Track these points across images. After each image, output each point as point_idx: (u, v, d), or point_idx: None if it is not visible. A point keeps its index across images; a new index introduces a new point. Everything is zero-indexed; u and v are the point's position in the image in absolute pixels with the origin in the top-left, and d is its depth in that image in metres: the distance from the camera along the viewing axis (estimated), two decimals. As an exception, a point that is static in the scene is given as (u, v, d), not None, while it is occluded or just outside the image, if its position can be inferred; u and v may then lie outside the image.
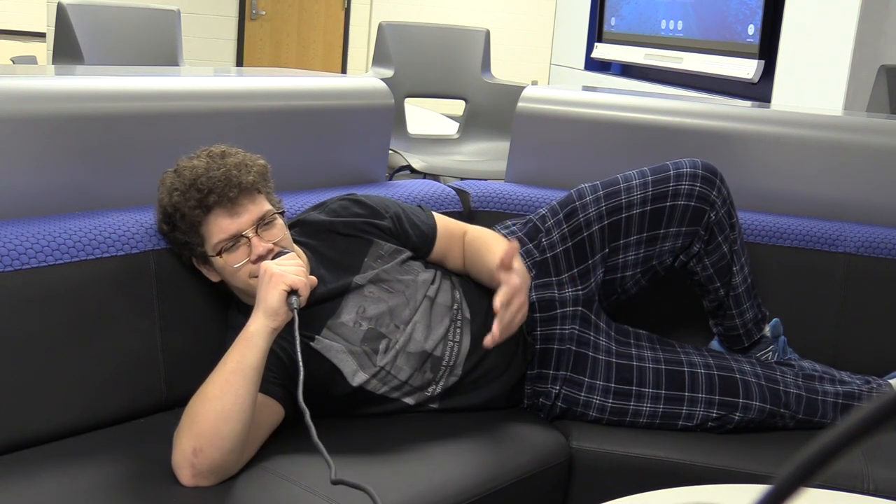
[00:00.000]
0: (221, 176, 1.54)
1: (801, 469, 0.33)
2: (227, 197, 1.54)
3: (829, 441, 0.33)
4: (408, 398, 1.67)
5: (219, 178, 1.54)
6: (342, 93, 2.23)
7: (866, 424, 0.32)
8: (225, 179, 1.54)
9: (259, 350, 1.43)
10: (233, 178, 1.55)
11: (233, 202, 1.55)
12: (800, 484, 0.33)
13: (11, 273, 1.47)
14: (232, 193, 1.54)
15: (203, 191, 1.54)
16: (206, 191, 1.54)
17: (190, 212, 1.55)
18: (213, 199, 1.54)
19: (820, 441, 0.33)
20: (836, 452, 0.32)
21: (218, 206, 1.55)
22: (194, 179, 1.55)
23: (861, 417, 0.32)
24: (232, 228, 1.55)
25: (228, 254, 1.56)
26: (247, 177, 1.56)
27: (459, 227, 1.83)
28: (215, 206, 1.55)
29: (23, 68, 2.91)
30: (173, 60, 3.90)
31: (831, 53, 3.67)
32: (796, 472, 0.33)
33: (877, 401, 0.32)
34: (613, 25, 5.75)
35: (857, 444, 0.32)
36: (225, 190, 1.54)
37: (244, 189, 1.56)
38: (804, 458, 0.33)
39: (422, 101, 4.42)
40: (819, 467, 0.33)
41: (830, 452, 0.32)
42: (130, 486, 1.37)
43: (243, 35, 7.45)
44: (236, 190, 1.55)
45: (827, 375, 1.89)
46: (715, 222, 1.84)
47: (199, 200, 1.54)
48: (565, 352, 1.78)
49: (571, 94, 2.39)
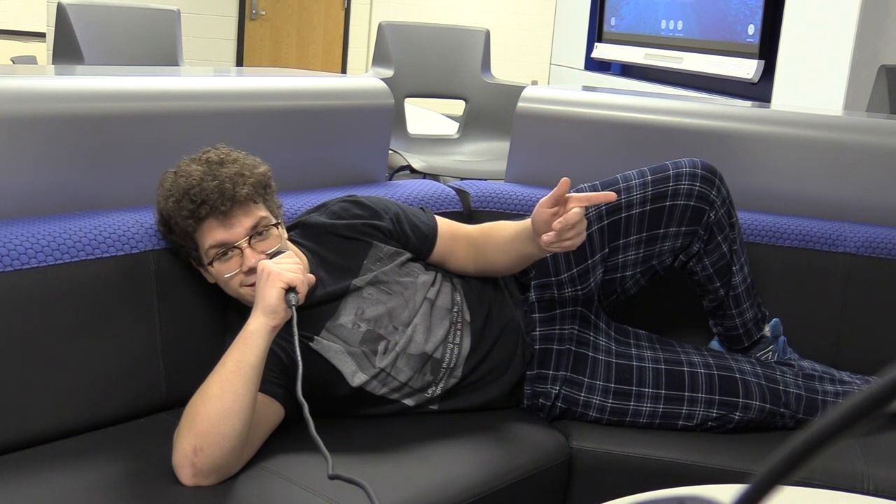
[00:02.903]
0: (214, 188, 1.52)
1: (778, 467, 0.33)
2: (219, 210, 1.53)
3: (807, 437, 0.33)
4: (407, 399, 1.68)
5: (211, 191, 1.52)
6: (342, 93, 2.23)
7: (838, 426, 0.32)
8: (218, 192, 1.53)
9: (259, 349, 1.43)
10: (226, 192, 1.53)
11: (225, 215, 1.54)
12: (777, 482, 0.33)
13: (11, 273, 1.47)
14: (224, 207, 1.53)
15: (196, 202, 1.53)
16: (198, 202, 1.53)
17: (182, 221, 1.55)
18: (204, 211, 1.53)
19: (799, 437, 0.33)
20: (813, 450, 0.32)
21: (210, 217, 1.54)
22: (188, 189, 1.53)
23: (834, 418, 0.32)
24: (224, 237, 1.54)
25: (220, 263, 1.56)
26: (241, 189, 1.54)
27: (462, 228, 1.83)
28: (207, 217, 1.54)
29: (23, 68, 2.91)
30: (173, 60, 3.90)
31: (831, 53, 3.67)
32: (773, 470, 0.33)
33: (851, 400, 0.32)
34: (613, 25, 5.76)
35: (834, 443, 0.32)
36: (217, 203, 1.53)
37: (237, 202, 1.54)
38: (781, 455, 0.33)
39: (422, 101, 4.43)
40: (797, 464, 0.33)
41: (809, 449, 0.32)
42: (130, 486, 1.37)
43: (243, 35, 7.45)
44: (229, 203, 1.53)
45: (827, 375, 1.89)
46: (714, 222, 1.84)
47: (191, 211, 1.53)
48: (565, 352, 1.78)
49: (571, 94, 2.39)
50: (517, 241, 1.68)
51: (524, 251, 1.69)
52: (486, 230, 1.78)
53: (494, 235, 1.75)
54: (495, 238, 1.75)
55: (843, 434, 0.32)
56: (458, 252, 1.79)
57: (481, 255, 1.77)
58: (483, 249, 1.77)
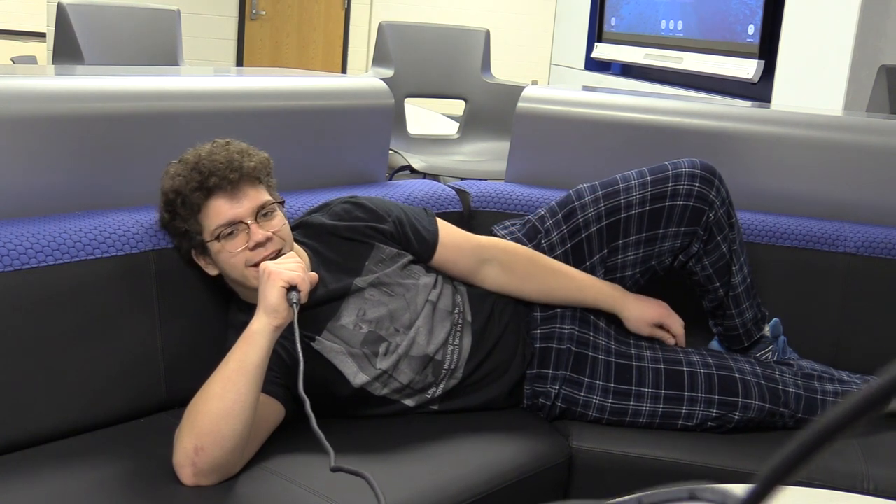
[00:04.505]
0: (223, 159, 1.57)
1: (781, 467, 0.33)
2: (227, 179, 1.55)
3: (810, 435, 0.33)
4: (408, 400, 1.68)
5: (221, 161, 1.56)
6: (342, 93, 2.23)
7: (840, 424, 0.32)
8: (227, 162, 1.56)
9: (261, 348, 1.43)
10: (234, 162, 1.57)
11: (234, 186, 1.56)
12: (782, 480, 0.33)
13: (11, 273, 1.47)
14: (233, 176, 1.55)
15: (204, 173, 1.55)
16: (207, 173, 1.55)
17: (191, 194, 1.56)
18: (213, 182, 1.55)
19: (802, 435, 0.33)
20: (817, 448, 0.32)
21: (219, 188, 1.56)
22: (196, 162, 1.57)
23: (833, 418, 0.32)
24: (231, 213, 1.55)
25: (227, 240, 1.56)
26: (248, 162, 1.58)
27: (471, 242, 1.81)
28: (216, 188, 1.56)
29: (23, 68, 2.91)
30: (173, 60, 3.90)
31: (831, 53, 3.67)
32: (775, 470, 0.33)
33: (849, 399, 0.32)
34: (613, 25, 5.76)
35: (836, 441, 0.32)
36: (226, 172, 1.55)
37: (245, 174, 1.57)
38: (783, 456, 0.33)
39: (422, 101, 4.42)
40: (802, 462, 0.33)
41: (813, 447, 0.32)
42: (130, 486, 1.37)
43: (243, 35, 7.45)
44: (237, 174, 1.56)
45: (826, 375, 1.89)
46: (714, 222, 1.84)
47: (200, 182, 1.55)
48: (565, 352, 1.78)
49: (571, 94, 2.39)
50: (576, 300, 1.81)
51: (579, 303, 1.82)
52: (522, 268, 1.80)
53: (547, 285, 1.80)
54: (541, 287, 1.80)
55: (845, 432, 0.32)
56: (460, 263, 1.79)
57: (502, 285, 1.80)
58: (519, 287, 1.80)
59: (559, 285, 1.80)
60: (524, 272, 1.79)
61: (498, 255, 1.80)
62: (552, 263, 1.82)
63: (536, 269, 1.80)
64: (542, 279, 1.80)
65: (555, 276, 1.80)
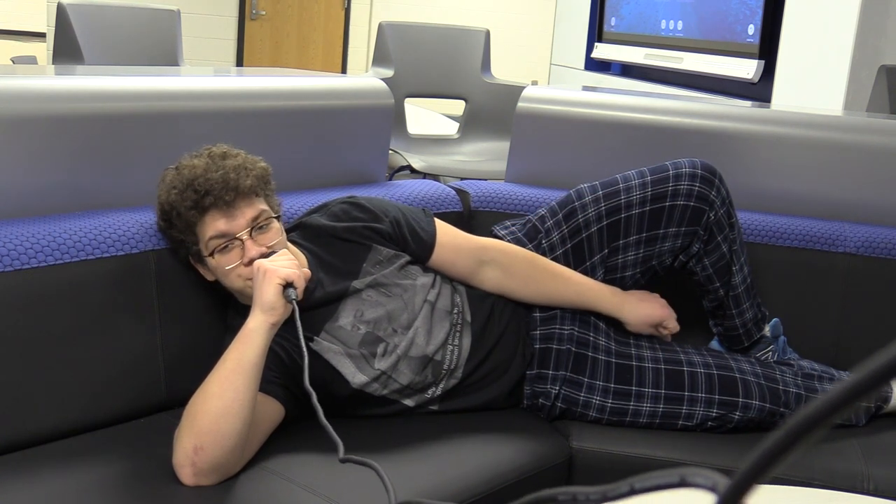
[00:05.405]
0: (219, 178, 1.54)
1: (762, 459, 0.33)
2: (223, 200, 1.54)
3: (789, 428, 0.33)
4: (407, 400, 1.68)
5: (216, 181, 1.54)
6: (342, 93, 2.23)
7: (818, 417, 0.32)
8: (222, 182, 1.54)
9: (258, 346, 1.43)
10: (230, 182, 1.55)
11: (229, 205, 1.55)
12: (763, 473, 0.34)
13: (11, 273, 1.47)
14: (228, 197, 1.54)
15: (200, 192, 1.54)
16: (202, 192, 1.54)
17: (186, 212, 1.55)
18: (209, 202, 1.54)
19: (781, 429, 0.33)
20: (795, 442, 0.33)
21: (214, 207, 1.55)
22: (192, 180, 1.55)
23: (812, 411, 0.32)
24: (226, 230, 1.55)
25: (221, 255, 1.56)
26: (245, 181, 1.56)
27: (468, 240, 1.81)
28: (211, 207, 1.55)
29: (23, 68, 2.91)
30: (173, 60, 3.90)
31: (831, 53, 3.67)
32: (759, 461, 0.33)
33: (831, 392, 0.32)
34: (613, 25, 5.76)
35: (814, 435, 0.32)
36: (221, 193, 1.54)
37: (241, 193, 1.56)
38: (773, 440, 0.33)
39: (422, 101, 4.42)
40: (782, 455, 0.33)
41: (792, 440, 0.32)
42: (130, 486, 1.37)
43: (243, 35, 7.45)
44: (233, 193, 1.55)
45: (826, 375, 1.89)
46: (714, 222, 1.84)
47: (195, 201, 1.54)
48: (565, 352, 1.78)
49: (571, 94, 2.39)
50: (575, 304, 1.82)
51: (578, 306, 1.83)
52: (521, 270, 1.80)
53: (546, 288, 1.80)
54: (541, 290, 1.80)
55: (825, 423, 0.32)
56: (458, 264, 1.79)
57: (501, 287, 1.80)
58: (518, 290, 1.80)
59: (558, 289, 1.80)
60: (523, 275, 1.79)
61: (497, 256, 1.80)
62: (552, 266, 1.82)
63: (535, 272, 1.80)
64: (541, 282, 1.80)
65: (554, 279, 1.80)
